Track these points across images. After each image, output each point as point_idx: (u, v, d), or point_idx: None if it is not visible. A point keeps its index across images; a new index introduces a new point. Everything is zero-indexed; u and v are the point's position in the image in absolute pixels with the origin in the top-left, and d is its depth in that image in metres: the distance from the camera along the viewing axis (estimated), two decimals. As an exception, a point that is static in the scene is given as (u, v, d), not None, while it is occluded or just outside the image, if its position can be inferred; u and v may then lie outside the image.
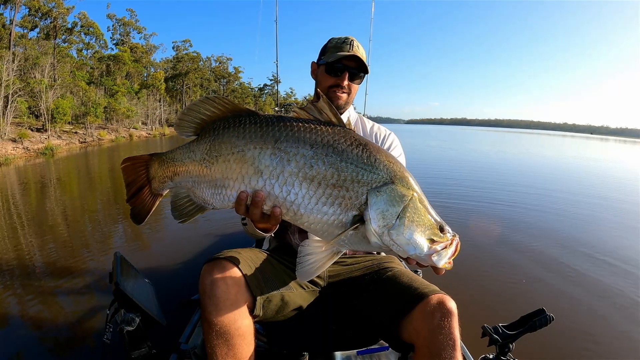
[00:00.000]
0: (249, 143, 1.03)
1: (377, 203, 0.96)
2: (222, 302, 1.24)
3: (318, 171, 0.98)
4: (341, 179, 0.97)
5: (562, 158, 25.83)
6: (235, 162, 1.05)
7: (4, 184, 10.85)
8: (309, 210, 1.00)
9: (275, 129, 1.02)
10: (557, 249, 5.27)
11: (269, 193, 1.02)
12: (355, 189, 0.97)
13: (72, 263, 4.38)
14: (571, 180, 13.43)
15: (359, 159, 0.98)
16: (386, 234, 0.96)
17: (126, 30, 50.57)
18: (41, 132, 23.79)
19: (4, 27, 30.01)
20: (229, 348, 1.24)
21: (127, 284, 1.56)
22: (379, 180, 0.98)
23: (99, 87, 36.12)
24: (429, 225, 0.98)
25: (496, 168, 16.45)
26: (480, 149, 31.69)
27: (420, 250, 0.96)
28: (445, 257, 0.98)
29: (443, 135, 63.40)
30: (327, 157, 0.98)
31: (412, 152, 21.20)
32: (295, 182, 0.99)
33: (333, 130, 1.02)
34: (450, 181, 11.17)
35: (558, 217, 7.33)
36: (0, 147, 18.64)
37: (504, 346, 1.53)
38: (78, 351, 2.78)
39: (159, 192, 1.25)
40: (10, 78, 21.74)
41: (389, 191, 0.97)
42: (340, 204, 0.98)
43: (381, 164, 0.99)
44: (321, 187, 0.98)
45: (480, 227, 6.22)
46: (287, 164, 0.99)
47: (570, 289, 4.01)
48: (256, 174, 1.02)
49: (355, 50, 1.63)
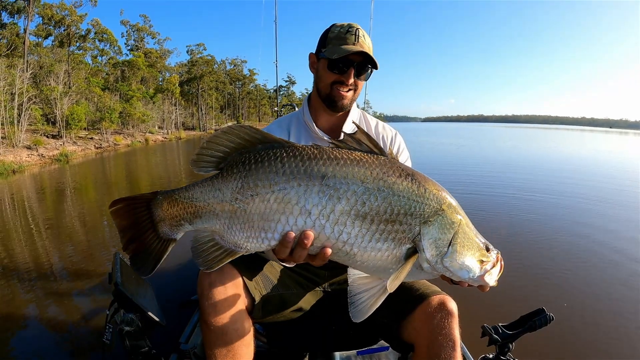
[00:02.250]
0: (292, 180, 0.95)
1: (430, 233, 0.95)
2: (220, 304, 1.23)
3: (371, 207, 0.93)
4: (394, 213, 0.94)
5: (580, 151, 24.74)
6: (276, 201, 0.96)
7: (17, 190, 11.13)
8: (363, 248, 0.95)
9: (319, 163, 0.96)
10: (558, 249, 5.29)
11: (319, 234, 0.95)
12: (408, 221, 0.94)
13: (73, 264, 4.39)
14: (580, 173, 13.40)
15: (410, 191, 0.95)
16: (439, 262, 0.95)
17: (140, 35, 51.32)
18: (56, 138, 23.92)
19: (18, 36, 30.41)
20: (228, 349, 1.24)
21: (127, 284, 1.52)
22: (429, 210, 0.95)
23: (114, 92, 36.49)
24: (477, 248, 0.99)
25: (497, 165, 16.29)
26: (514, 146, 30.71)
27: (474, 274, 0.97)
28: (495, 275, 1.00)
29: (464, 133, 62.84)
30: (379, 193, 0.94)
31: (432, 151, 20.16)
32: (348, 220, 0.93)
33: (379, 161, 0.98)
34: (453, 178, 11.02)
35: (558, 216, 7.22)
36: (14, 155, 18.63)
37: (504, 346, 1.53)
38: (78, 351, 2.78)
39: (172, 236, 1.08)
40: (24, 86, 21.71)
41: (440, 220, 0.95)
42: (394, 239, 0.95)
43: (430, 194, 0.97)
44: (374, 224, 0.94)
45: (478, 225, 5.82)
46: (337, 202, 0.94)
47: (570, 288, 4.03)
48: (303, 214, 0.95)
49: (362, 42, 1.46)
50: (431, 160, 17.10)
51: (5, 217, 7.41)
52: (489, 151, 24.07)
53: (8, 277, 4.16)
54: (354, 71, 1.48)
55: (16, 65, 22.81)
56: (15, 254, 5.02)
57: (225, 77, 65.23)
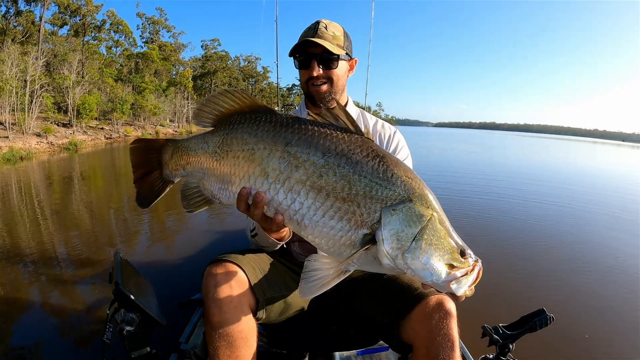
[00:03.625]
0: (260, 142, 0.99)
1: (392, 222, 0.88)
2: (226, 305, 1.23)
3: (328, 182, 0.91)
4: (352, 193, 0.90)
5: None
6: (243, 159, 1.01)
7: (23, 177, 11.07)
8: (314, 222, 0.93)
9: (288, 131, 0.97)
10: (559, 250, 5.39)
11: (273, 198, 0.97)
12: (367, 205, 0.89)
13: (73, 262, 4.34)
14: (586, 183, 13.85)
15: (374, 173, 0.90)
16: (400, 257, 0.88)
17: (155, 28, 51.42)
18: (67, 127, 23.93)
19: (34, 23, 30.52)
20: (232, 350, 1.24)
21: (127, 283, 1.51)
22: (395, 197, 0.89)
23: (127, 84, 36.50)
24: (449, 249, 0.89)
25: (504, 169, 16.82)
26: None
27: (438, 277, 0.87)
28: (465, 284, 0.88)
29: (475, 140, 63.31)
30: (339, 168, 0.91)
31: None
32: (302, 190, 0.93)
33: (350, 138, 0.94)
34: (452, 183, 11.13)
35: (559, 218, 7.46)
36: (24, 142, 18.52)
37: (504, 346, 1.52)
38: (78, 351, 2.76)
39: (171, 179, 1.22)
40: (37, 73, 21.62)
41: (406, 210, 0.88)
42: (350, 220, 0.90)
43: (398, 180, 0.90)
44: (329, 200, 0.91)
45: (481, 226, 6.34)
46: (294, 170, 0.93)
47: (570, 289, 4.05)
48: (262, 176, 0.98)
49: (321, 33, 1.47)
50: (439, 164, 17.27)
51: (8, 204, 7.31)
52: (498, 159, 24.06)
53: (9, 263, 4.20)
54: (317, 63, 1.48)
55: (29, 52, 22.76)
56: (18, 240, 5.03)
57: (239, 74, 65.04)
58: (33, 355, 2.70)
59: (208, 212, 6.32)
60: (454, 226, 0.93)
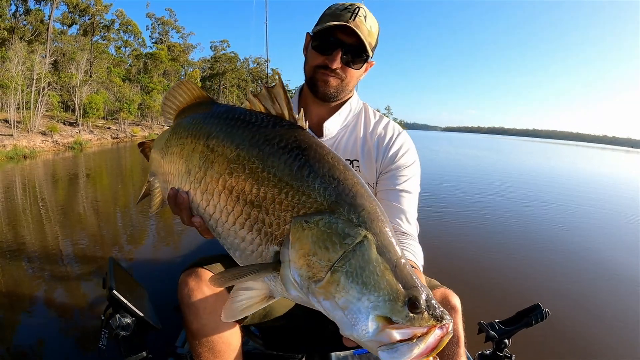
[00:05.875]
0: (189, 137, 0.88)
1: (302, 240, 0.65)
2: (202, 311, 1.20)
3: (237, 180, 0.75)
4: (260, 196, 0.71)
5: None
6: (176, 155, 0.91)
7: (23, 177, 10.98)
8: (227, 230, 0.78)
9: (212, 122, 0.84)
10: (555, 245, 5.54)
11: (192, 199, 0.85)
12: (276, 213, 0.69)
13: (66, 267, 4.30)
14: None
15: (288, 171, 0.70)
16: (311, 291, 0.65)
17: (165, 29, 51.53)
18: (73, 126, 23.78)
19: (42, 22, 30.54)
20: (215, 355, 1.22)
21: (121, 288, 1.47)
22: (309, 205, 0.67)
23: (135, 84, 36.34)
24: (387, 293, 0.61)
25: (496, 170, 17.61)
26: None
27: (361, 333, 0.61)
28: (405, 354, 0.58)
29: (484, 145, 64.79)
30: (248, 163, 0.74)
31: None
32: (215, 190, 0.78)
33: (275, 126, 0.77)
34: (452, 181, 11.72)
35: (557, 214, 7.78)
36: (28, 140, 18.31)
37: (501, 342, 1.51)
38: (74, 358, 2.73)
39: (148, 178, 1.20)
40: (43, 72, 21.46)
41: (323, 224, 0.64)
42: (260, 231, 0.72)
43: (318, 182, 0.68)
44: (239, 203, 0.74)
45: (475, 222, 6.47)
46: (210, 166, 0.80)
47: (565, 284, 4.11)
48: (186, 174, 0.86)
49: (359, 21, 1.22)
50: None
51: (6, 203, 7.22)
52: (498, 161, 24.81)
53: (6, 259, 4.26)
54: (342, 54, 1.24)
55: (36, 50, 22.66)
56: (17, 237, 5.11)
57: (248, 76, 64.92)
58: (35, 342, 2.79)
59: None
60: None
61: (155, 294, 2.01)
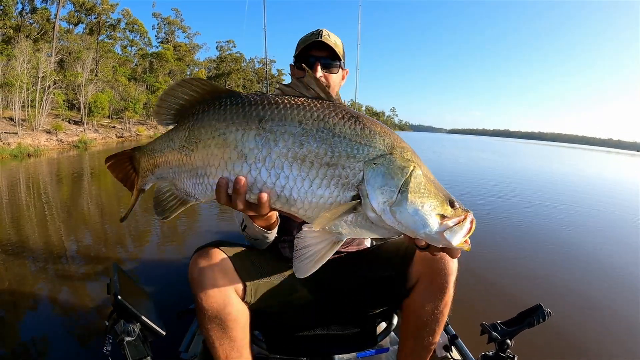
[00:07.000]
0: (231, 125, 0.93)
1: (374, 177, 0.86)
2: (211, 288, 1.26)
3: (309, 149, 0.88)
4: (335, 156, 0.87)
5: None
6: (216, 146, 0.94)
7: (26, 175, 10.94)
8: (303, 194, 0.89)
9: (258, 108, 0.92)
10: (556, 245, 5.49)
11: (256, 179, 0.91)
12: (351, 165, 0.87)
13: (70, 266, 4.23)
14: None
15: (352, 132, 0.88)
16: (388, 211, 0.85)
17: (171, 29, 51.65)
18: (78, 124, 23.75)
19: (49, 21, 30.60)
20: (224, 331, 1.29)
21: (125, 294, 1.48)
22: (374, 152, 0.88)
23: (141, 83, 36.31)
24: (437, 200, 0.87)
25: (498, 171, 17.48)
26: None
27: (431, 228, 0.85)
28: (459, 234, 0.86)
29: (490, 148, 64.24)
30: (317, 133, 0.88)
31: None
32: (285, 164, 0.88)
33: (322, 104, 0.92)
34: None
35: (559, 215, 7.77)
36: (33, 138, 18.27)
37: (503, 343, 1.54)
38: (85, 337, 2.79)
39: (142, 187, 1.16)
40: (48, 70, 21.46)
41: (387, 163, 0.87)
42: (337, 184, 0.87)
43: (376, 135, 0.89)
44: (314, 167, 0.88)
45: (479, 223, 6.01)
46: (274, 145, 0.89)
47: (567, 284, 4.12)
48: (240, 159, 0.92)
49: (325, 38, 1.56)
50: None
51: (12, 200, 7.19)
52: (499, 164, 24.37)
53: (10, 257, 4.25)
54: (320, 66, 1.56)
55: (42, 49, 22.68)
56: (21, 235, 5.07)
57: (253, 76, 64.97)
58: (39, 339, 2.77)
59: (206, 220, 6.21)
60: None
61: (158, 300, 1.96)
